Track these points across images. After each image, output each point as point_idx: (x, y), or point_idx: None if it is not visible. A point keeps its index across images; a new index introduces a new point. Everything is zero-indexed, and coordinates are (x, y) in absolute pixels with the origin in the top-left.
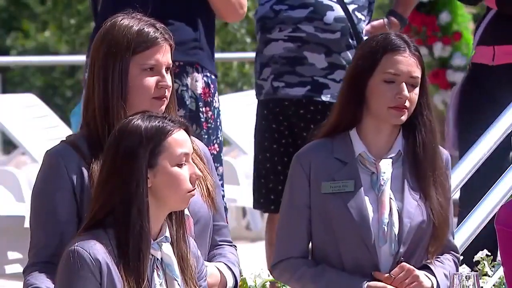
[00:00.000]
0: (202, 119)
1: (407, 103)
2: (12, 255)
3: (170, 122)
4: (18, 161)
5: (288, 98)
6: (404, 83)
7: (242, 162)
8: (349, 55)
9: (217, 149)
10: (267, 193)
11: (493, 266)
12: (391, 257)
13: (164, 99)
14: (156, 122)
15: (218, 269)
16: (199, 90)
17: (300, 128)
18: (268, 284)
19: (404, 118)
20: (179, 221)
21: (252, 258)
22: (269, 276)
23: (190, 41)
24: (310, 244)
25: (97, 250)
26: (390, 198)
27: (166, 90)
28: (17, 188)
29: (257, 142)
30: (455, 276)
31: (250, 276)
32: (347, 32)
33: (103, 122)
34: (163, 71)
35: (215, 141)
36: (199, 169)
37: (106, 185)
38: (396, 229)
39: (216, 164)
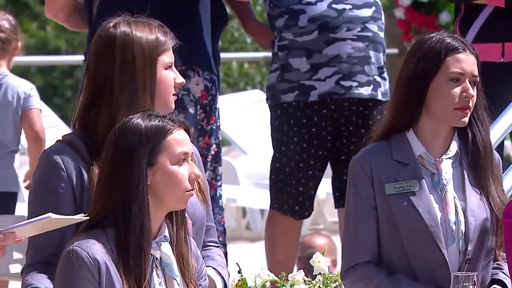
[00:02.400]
0: (194, 122)
1: (470, 103)
2: (12, 255)
3: (170, 122)
4: (18, 161)
5: (351, 98)
6: (468, 82)
7: (242, 162)
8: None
9: (216, 150)
10: (304, 200)
11: None
12: (459, 256)
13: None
14: (156, 121)
15: (207, 274)
16: (198, 94)
17: (358, 126)
18: (268, 284)
19: (466, 120)
20: (179, 222)
21: (252, 258)
22: (269, 276)
23: (194, 44)
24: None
25: (95, 249)
26: (454, 198)
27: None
28: None
29: (299, 150)
30: (455, 276)
31: (250, 276)
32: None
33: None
34: (174, 68)
35: (213, 142)
36: None
37: (106, 184)
38: (463, 227)
39: (215, 164)
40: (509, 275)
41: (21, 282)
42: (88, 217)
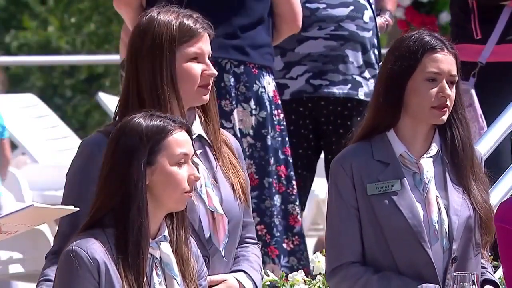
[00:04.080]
0: (275, 122)
1: (448, 102)
2: (12, 255)
3: (171, 122)
4: (18, 161)
5: (326, 97)
6: (445, 82)
7: None
8: (375, 52)
9: (289, 152)
10: None
11: (494, 266)
12: (443, 255)
13: (209, 87)
14: (158, 121)
15: (238, 280)
16: (271, 93)
17: (337, 125)
18: (268, 284)
19: (444, 118)
20: (180, 223)
21: None
22: (269, 276)
23: (266, 46)
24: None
25: (95, 249)
26: (437, 196)
27: (211, 78)
28: (17, 188)
29: None
30: (455, 276)
31: None
32: (375, 31)
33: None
34: (207, 59)
35: (287, 143)
36: (232, 164)
37: (106, 183)
38: (446, 226)
39: (289, 169)
40: (493, 274)
41: (42, 268)
42: (78, 208)
